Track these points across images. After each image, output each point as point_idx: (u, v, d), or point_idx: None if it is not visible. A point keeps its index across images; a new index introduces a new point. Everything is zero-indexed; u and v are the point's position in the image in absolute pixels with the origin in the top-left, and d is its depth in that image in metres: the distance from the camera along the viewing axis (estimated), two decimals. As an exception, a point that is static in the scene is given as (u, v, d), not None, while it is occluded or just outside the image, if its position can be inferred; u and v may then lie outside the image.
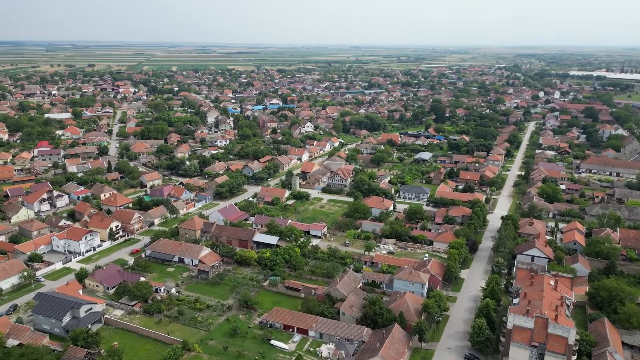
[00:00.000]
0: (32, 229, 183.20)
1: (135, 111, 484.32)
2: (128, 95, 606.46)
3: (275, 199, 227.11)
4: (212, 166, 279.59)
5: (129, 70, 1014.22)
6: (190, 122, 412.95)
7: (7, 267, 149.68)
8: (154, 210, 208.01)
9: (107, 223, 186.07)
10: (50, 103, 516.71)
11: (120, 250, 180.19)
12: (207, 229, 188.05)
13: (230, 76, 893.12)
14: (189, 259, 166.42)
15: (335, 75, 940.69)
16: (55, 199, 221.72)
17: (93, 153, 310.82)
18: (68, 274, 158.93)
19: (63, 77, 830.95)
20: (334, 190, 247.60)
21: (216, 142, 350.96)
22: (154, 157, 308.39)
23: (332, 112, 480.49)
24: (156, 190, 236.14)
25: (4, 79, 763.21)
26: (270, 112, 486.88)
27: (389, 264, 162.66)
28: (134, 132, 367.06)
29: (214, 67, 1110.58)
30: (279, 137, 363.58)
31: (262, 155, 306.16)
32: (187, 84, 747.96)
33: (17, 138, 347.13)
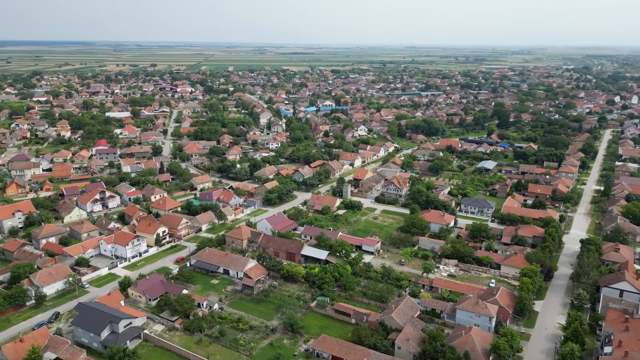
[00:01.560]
0: (82, 231, 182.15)
1: (191, 111, 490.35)
2: (185, 94, 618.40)
3: (325, 208, 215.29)
4: (263, 170, 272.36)
5: (187, 70, 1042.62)
6: (243, 123, 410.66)
7: (52, 272, 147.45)
8: (202, 215, 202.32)
9: (154, 228, 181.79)
10: (112, 102, 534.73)
11: (166, 257, 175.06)
12: (254, 239, 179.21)
13: (284, 77, 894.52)
14: (234, 271, 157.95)
15: (391, 76, 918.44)
16: (107, 199, 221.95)
17: (147, 153, 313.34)
18: (113, 280, 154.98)
19: (126, 76, 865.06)
20: (389, 201, 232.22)
21: (268, 144, 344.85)
22: (205, 158, 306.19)
23: (386, 115, 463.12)
24: (205, 194, 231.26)
25: (72, 77, 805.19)
26: (322, 114, 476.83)
27: (450, 290, 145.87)
28: (188, 132, 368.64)
29: (269, 68, 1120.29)
30: (331, 141, 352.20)
31: (313, 160, 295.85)
32: (242, 84, 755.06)
33: (78, 136, 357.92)
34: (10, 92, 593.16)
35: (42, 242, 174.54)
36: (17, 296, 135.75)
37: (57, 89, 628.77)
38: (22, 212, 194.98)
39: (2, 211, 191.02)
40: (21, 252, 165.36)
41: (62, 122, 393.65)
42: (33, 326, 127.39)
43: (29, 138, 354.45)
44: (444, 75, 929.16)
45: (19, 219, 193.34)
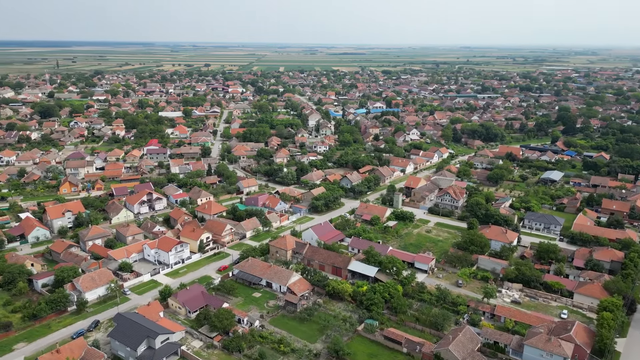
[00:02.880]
0: (127, 234, 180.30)
1: (241, 111, 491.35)
2: (236, 95, 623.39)
3: (374, 218, 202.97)
4: (310, 175, 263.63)
5: (239, 70, 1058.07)
6: (291, 125, 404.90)
7: (95, 277, 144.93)
8: (247, 222, 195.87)
9: (198, 234, 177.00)
10: (166, 101, 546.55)
11: (209, 264, 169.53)
12: (299, 250, 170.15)
13: (334, 77, 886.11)
14: (277, 285, 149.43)
15: (444, 77, 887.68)
16: (154, 201, 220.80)
17: (196, 154, 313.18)
18: (154, 288, 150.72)
19: (181, 76, 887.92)
20: (443, 212, 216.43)
21: (315, 147, 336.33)
22: (253, 161, 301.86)
23: (440, 118, 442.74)
24: (251, 198, 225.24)
25: (131, 77, 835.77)
26: (373, 116, 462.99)
27: (515, 320, 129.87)
28: (237, 133, 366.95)
29: (320, 68, 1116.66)
30: (381, 145, 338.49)
31: (362, 165, 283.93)
32: (292, 85, 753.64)
33: (131, 135, 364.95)
34: (73, 90, 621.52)
35: (89, 244, 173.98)
36: (59, 301, 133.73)
37: (116, 88, 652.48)
38: (72, 212, 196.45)
39: (52, 211, 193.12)
40: (67, 253, 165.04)
41: (118, 121, 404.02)
42: (72, 334, 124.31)
43: (86, 136, 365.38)
44: (501, 76, 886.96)
45: (68, 219, 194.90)
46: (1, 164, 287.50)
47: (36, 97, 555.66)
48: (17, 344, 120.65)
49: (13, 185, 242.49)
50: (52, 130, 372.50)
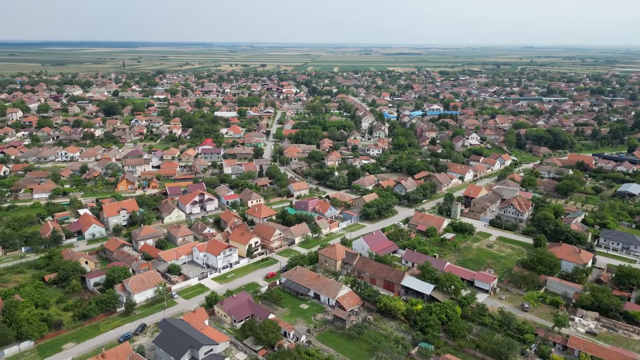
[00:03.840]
0: (178, 235, 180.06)
1: (294, 112, 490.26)
2: (290, 95, 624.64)
3: (430, 230, 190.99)
4: (362, 179, 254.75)
5: (294, 70, 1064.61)
6: (344, 126, 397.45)
7: (144, 279, 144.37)
8: (296, 227, 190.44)
9: (247, 238, 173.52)
10: (222, 101, 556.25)
11: (256, 270, 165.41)
12: (349, 261, 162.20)
13: (389, 78, 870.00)
14: (325, 297, 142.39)
15: (506, 79, 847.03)
16: (206, 202, 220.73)
17: (249, 155, 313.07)
18: (201, 293, 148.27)
19: (237, 76, 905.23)
20: (506, 226, 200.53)
21: (368, 150, 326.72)
22: (304, 163, 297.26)
23: (502, 122, 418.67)
24: (301, 202, 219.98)
25: (190, 76, 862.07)
26: (429, 119, 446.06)
27: (591, 354, 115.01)
28: (289, 134, 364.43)
29: (374, 69, 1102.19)
30: (438, 150, 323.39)
31: (417, 171, 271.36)
32: (345, 85, 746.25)
33: (187, 134, 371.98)
34: (136, 89, 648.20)
35: (140, 243, 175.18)
36: (109, 302, 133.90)
37: (175, 87, 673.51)
38: (127, 210, 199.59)
39: (108, 208, 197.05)
40: (120, 252, 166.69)
41: (175, 120, 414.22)
42: (119, 338, 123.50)
43: (144, 134, 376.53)
44: (569, 78, 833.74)
45: (123, 217, 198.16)
46: (66, 159, 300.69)
47: (102, 96, 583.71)
48: (66, 343, 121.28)
49: (75, 181, 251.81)
50: (114, 128, 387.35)
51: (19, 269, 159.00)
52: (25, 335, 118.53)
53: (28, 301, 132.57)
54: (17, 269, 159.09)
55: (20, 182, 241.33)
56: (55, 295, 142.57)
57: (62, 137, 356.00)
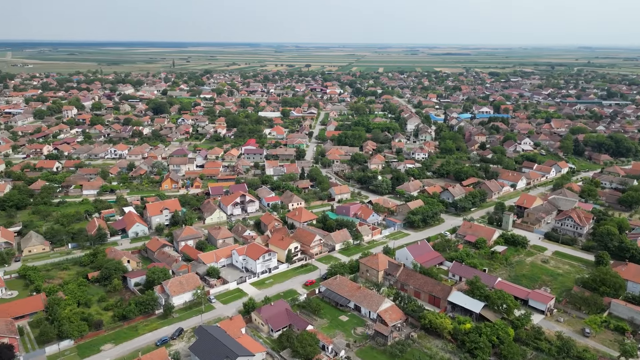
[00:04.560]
0: (218, 236, 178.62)
1: (337, 113, 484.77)
2: (333, 96, 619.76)
3: (479, 241, 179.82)
4: (406, 184, 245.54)
5: (338, 71, 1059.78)
6: (388, 129, 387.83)
7: (183, 282, 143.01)
8: (337, 233, 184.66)
9: (286, 243, 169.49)
10: (266, 101, 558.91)
11: (295, 277, 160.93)
12: (392, 272, 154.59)
13: (436, 79, 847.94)
14: (366, 309, 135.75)
15: (561, 81, 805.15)
16: (247, 203, 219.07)
17: (291, 156, 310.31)
18: (239, 298, 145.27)
19: (282, 76, 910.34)
20: (564, 240, 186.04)
21: (413, 154, 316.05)
22: (347, 166, 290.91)
23: (558, 127, 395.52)
24: (343, 207, 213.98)
25: (236, 76, 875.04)
26: (478, 122, 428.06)
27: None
28: (332, 136, 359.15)
29: (420, 69, 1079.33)
30: (487, 155, 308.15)
31: (466, 177, 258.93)
32: (390, 86, 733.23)
33: (232, 134, 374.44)
34: (184, 88, 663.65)
35: (181, 244, 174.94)
36: (148, 304, 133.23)
37: (222, 87, 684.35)
38: (169, 209, 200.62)
39: (152, 207, 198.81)
40: (161, 253, 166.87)
41: (220, 120, 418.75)
42: (157, 341, 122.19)
43: (190, 133, 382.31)
44: (631, 80, 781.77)
45: (165, 217, 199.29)
46: (115, 156, 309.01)
47: (152, 94, 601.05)
48: (105, 344, 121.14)
49: (122, 178, 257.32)
50: (162, 127, 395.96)
51: (64, 265, 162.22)
52: (66, 334, 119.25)
53: (71, 299, 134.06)
54: (62, 265, 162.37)
55: (71, 179, 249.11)
56: (97, 293, 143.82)
57: (113, 134, 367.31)
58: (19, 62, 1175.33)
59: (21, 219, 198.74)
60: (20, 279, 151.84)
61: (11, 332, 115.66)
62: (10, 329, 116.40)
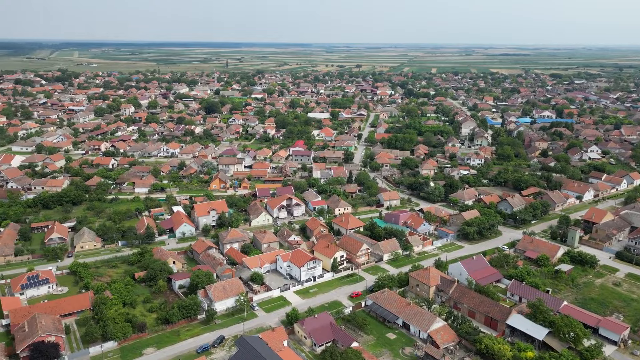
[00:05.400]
0: (263, 241, 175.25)
1: (388, 115, 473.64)
2: (384, 97, 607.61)
3: (542, 258, 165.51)
4: (460, 192, 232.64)
5: (390, 71, 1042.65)
6: (441, 132, 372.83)
7: (226, 287, 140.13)
8: (385, 242, 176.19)
9: (332, 251, 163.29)
10: (316, 102, 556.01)
11: (340, 287, 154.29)
12: (445, 288, 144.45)
13: (492, 80, 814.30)
14: (415, 328, 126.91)
15: (631, 84, 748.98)
16: (293, 207, 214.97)
17: (339, 159, 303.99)
18: (282, 307, 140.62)
19: (332, 76, 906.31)
20: (638, 260, 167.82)
21: (468, 160, 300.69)
22: (396, 170, 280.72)
23: (629, 134, 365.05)
24: (392, 215, 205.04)
25: (287, 76, 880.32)
26: (539, 127, 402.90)
27: None
28: (382, 139, 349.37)
29: (475, 70, 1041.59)
30: (550, 163, 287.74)
31: (526, 186, 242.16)
32: (444, 87, 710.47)
33: (280, 135, 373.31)
34: (236, 88, 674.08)
35: (226, 247, 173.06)
36: (190, 308, 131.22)
37: (272, 87, 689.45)
38: (216, 211, 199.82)
39: (199, 208, 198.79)
40: (206, 255, 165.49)
41: (270, 120, 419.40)
42: (198, 348, 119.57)
43: (240, 133, 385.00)
44: None
45: (212, 217, 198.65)
46: (167, 155, 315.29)
47: (205, 94, 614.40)
48: (147, 348, 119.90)
49: (172, 177, 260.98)
50: (213, 126, 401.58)
51: (113, 263, 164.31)
52: (110, 336, 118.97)
53: (117, 299, 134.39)
54: (112, 262, 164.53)
55: (125, 176, 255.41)
56: (143, 294, 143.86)
57: (166, 133, 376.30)
58: (85, 62, 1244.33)
59: (76, 214, 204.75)
60: (71, 275, 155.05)
61: (58, 330, 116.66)
62: (57, 327, 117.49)
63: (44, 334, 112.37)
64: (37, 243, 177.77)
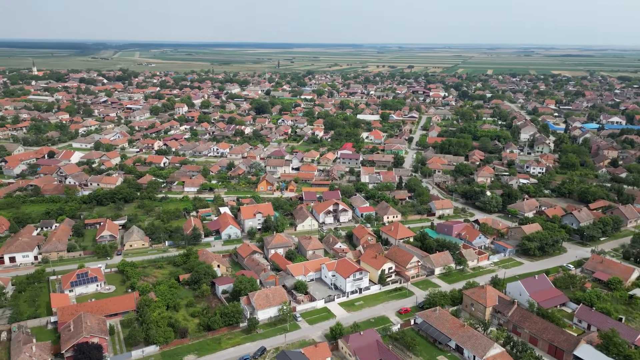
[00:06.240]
0: (308, 247, 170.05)
1: (441, 118, 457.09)
2: (437, 99, 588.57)
3: (613, 281, 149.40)
4: (519, 203, 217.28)
5: (443, 72, 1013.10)
6: (498, 137, 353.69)
7: (270, 295, 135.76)
8: (437, 255, 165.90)
9: (380, 263, 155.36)
10: (366, 103, 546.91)
11: (388, 302, 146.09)
12: (503, 309, 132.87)
13: (554, 83, 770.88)
14: (469, 353, 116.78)
15: None
16: (339, 212, 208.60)
17: (388, 163, 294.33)
18: (326, 319, 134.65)
19: (383, 77, 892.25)
20: None
21: (528, 168, 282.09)
22: (449, 177, 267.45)
23: None
24: (444, 225, 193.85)
25: (337, 77, 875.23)
26: (607, 133, 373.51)
27: None
28: (434, 143, 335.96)
29: (535, 72, 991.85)
30: (620, 174, 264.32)
31: (593, 199, 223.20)
32: (501, 89, 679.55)
33: (329, 137, 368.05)
34: (286, 89, 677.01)
35: (271, 252, 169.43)
36: (233, 316, 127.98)
37: (322, 88, 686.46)
38: (262, 214, 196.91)
39: (246, 211, 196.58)
40: (250, 259, 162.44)
41: (318, 121, 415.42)
42: (238, 358, 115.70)
43: (289, 134, 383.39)
44: None
45: (258, 221, 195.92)
46: (217, 155, 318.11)
47: (256, 94, 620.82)
48: (188, 355, 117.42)
49: (221, 177, 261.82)
50: (263, 127, 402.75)
51: (159, 263, 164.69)
52: (152, 340, 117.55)
53: (160, 301, 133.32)
54: (158, 262, 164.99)
55: (175, 175, 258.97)
56: (186, 297, 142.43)
57: (217, 132, 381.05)
58: (144, 62, 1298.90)
59: (127, 212, 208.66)
60: (119, 273, 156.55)
61: (102, 331, 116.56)
62: (101, 329, 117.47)
63: (88, 335, 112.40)
64: (89, 240, 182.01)
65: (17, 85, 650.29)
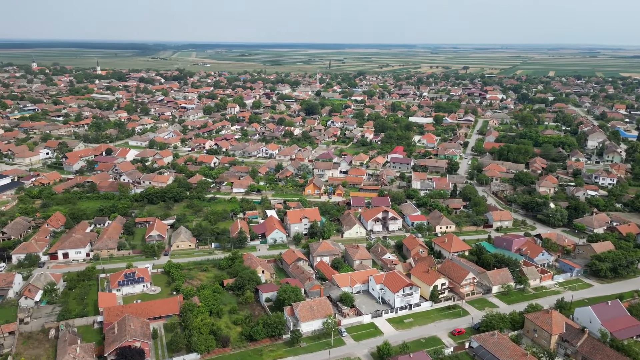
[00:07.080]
0: (355, 257, 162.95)
1: (498, 122, 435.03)
2: (494, 102, 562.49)
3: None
4: (588, 218, 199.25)
5: (500, 74, 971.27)
6: (562, 144, 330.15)
7: (314, 307, 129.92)
8: (495, 272, 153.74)
9: (432, 278, 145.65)
10: (418, 105, 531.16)
11: (440, 320, 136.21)
12: (570, 338, 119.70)
13: (623, 86, 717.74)
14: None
15: None
16: (389, 220, 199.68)
17: (442, 169, 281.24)
18: (373, 336, 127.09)
19: (437, 78, 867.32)
20: None
21: (597, 178, 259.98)
22: (508, 186, 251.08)
23: None
24: (503, 239, 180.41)
25: (388, 78, 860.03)
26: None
27: None
28: (492, 148, 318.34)
29: (602, 74, 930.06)
30: None
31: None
32: (564, 92, 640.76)
33: (379, 139, 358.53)
34: (336, 90, 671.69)
35: (317, 259, 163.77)
36: (275, 327, 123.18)
37: (373, 89, 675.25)
38: (309, 219, 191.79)
39: (292, 215, 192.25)
40: (295, 267, 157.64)
41: (368, 124, 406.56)
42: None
43: (337, 136, 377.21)
44: None
45: (304, 226, 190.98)
46: (266, 156, 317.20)
47: (306, 95, 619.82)
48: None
49: (269, 179, 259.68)
50: (312, 128, 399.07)
51: (205, 265, 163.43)
52: (194, 347, 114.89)
53: (204, 306, 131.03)
54: (203, 265, 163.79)
55: (224, 175, 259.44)
56: (230, 303, 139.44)
57: (267, 133, 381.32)
58: (200, 62, 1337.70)
59: (177, 211, 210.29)
60: (165, 274, 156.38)
61: (145, 335, 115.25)
62: (144, 333, 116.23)
63: (132, 339, 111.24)
64: (139, 238, 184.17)
65: (82, 83, 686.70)
